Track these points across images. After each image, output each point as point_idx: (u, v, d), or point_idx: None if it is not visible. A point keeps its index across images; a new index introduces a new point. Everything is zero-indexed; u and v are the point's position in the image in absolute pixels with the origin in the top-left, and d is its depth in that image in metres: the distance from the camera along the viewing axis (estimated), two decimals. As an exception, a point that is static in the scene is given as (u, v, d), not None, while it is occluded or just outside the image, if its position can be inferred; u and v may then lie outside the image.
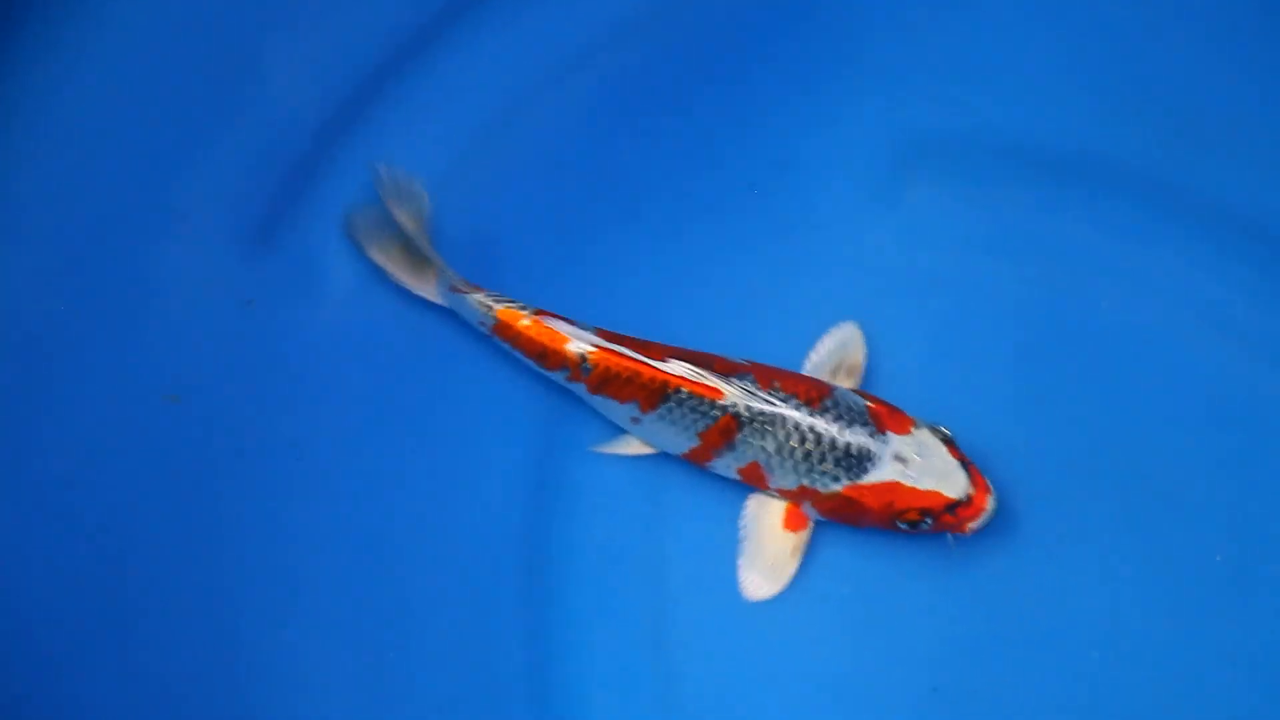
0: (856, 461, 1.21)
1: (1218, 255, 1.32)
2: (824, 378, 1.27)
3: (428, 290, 1.29)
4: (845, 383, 1.28)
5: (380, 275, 1.30)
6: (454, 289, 1.27)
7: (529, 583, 1.28)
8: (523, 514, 1.29)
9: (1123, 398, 1.31)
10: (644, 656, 1.26)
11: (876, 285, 1.34)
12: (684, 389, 1.22)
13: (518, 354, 1.27)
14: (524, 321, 1.25)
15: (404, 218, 1.29)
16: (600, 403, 1.26)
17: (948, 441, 1.23)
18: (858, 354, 1.30)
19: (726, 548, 1.28)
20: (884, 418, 1.23)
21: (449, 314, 1.29)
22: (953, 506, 1.22)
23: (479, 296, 1.26)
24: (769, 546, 1.26)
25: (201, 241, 1.32)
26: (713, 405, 1.22)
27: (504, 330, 1.26)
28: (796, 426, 1.21)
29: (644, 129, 1.37)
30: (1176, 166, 1.35)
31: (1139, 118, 1.36)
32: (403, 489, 1.30)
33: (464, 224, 1.34)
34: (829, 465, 1.21)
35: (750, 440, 1.22)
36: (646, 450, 1.28)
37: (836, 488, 1.22)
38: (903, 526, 1.23)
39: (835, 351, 1.29)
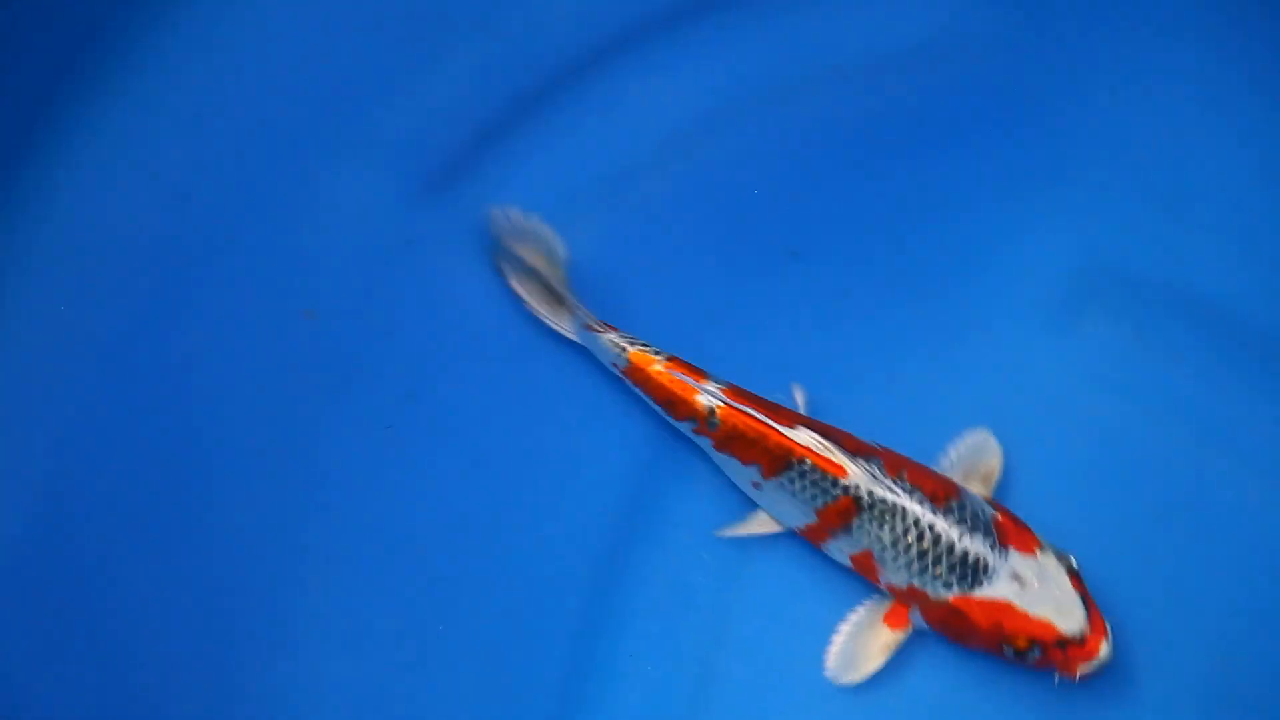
0: (971, 572, 1.16)
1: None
2: (956, 479, 1.22)
3: (563, 326, 1.28)
4: (977, 489, 1.22)
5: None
6: (588, 327, 1.25)
7: (589, 606, 1.25)
8: (601, 534, 1.26)
9: (1259, 580, 1.24)
10: (681, 705, 1.22)
11: (1028, 407, 1.28)
12: (808, 460, 1.17)
13: (647, 399, 1.24)
14: (656, 367, 1.22)
15: (537, 260, 1.27)
16: (724, 461, 1.22)
17: (1072, 572, 1.16)
18: (994, 462, 1.24)
19: (802, 619, 1.23)
20: (1009, 533, 1.17)
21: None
22: (1064, 643, 1.15)
23: (612, 336, 1.24)
24: (863, 634, 1.21)
25: (376, 177, 1.34)
26: (835, 483, 1.17)
27: (635, 373, 1.23)
28: (916, 522, 1.16)
29: (818, 191, 1.34)
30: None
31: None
32: (484, 479, 1.27)
33: (605, 261, 1.32)
34: (942, 569, 1.16)
35: (867, 527, 1.17)
36: (770, 530, 1.23)
37: (947, 595, 1.16)
38: (1008, 654, 1.17)
39: (970, 455, 1.24)
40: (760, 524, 1.24)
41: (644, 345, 1.23)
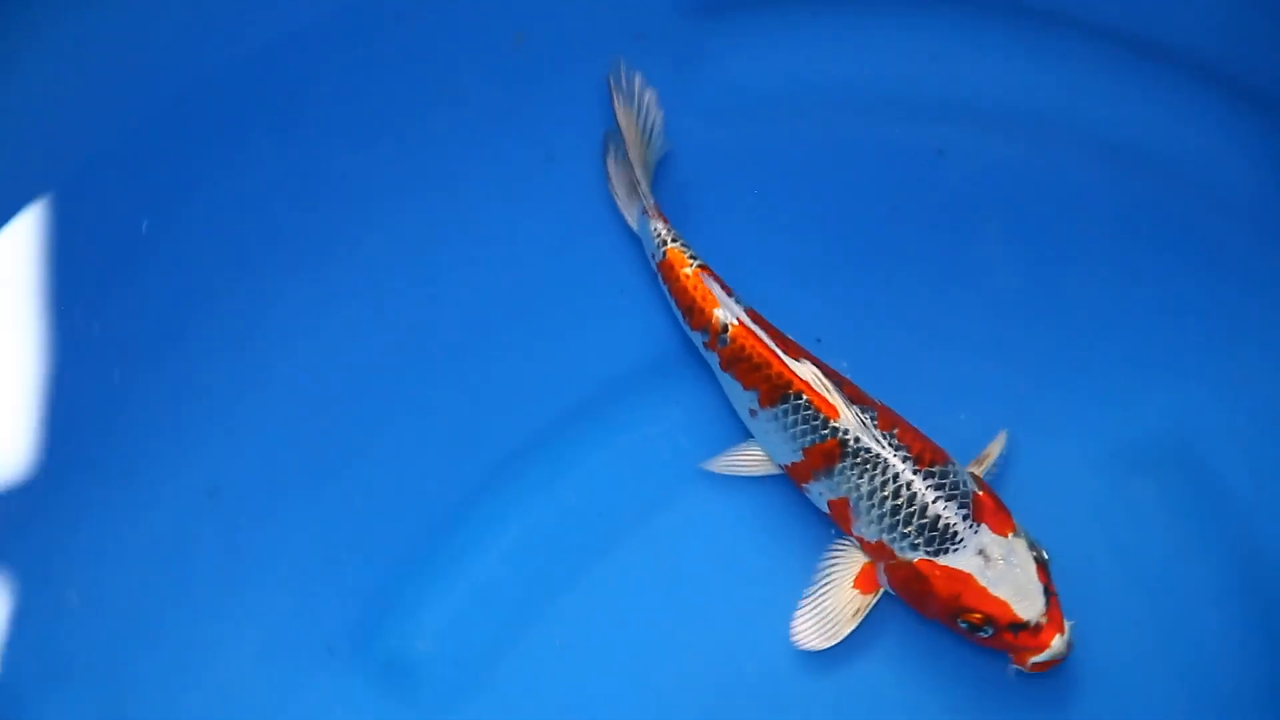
0: (939, 537, 1.16)
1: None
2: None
3: (629, 213, 1.30)
4: (972, 467, 1.22)
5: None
6: (645, 210, 1.27)
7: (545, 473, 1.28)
8: (582, 432, 1.29)
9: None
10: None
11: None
12: (804, 395, 1.19)
13: (672, 301, 1.26)
14: (687, 270, 1.24)
15: (634, 135, 1.29)
16: (727, 382, 1.24)
17: (1041, 563, 1.15)
18: (995, 445, 1.24)
19: (774, 569, 1.25)
20: (986, 510, 1.17)
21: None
22: (1017, 627, 1.14)
23: (660, 226, 1.25)
24: (833, 598, 1.21)
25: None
26: (825, 423, 1.18)
27: (667, 270, 1.25)
28: (896, 477, 1.17)
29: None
30: None
31: None
32: (487, 329, 1.31)
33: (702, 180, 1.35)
34: (911, 529, 1.17)
35: (848, 473, 1.18)
36: (755, 470, 1.25)
37: (912, 556, 1.17)
38: (962, 626, 1.16)
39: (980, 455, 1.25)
40: (747, 461, 1.25)
41: (684, 246, 1.24)
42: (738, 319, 1.22)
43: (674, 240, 1.25)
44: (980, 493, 1.18)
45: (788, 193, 1.35)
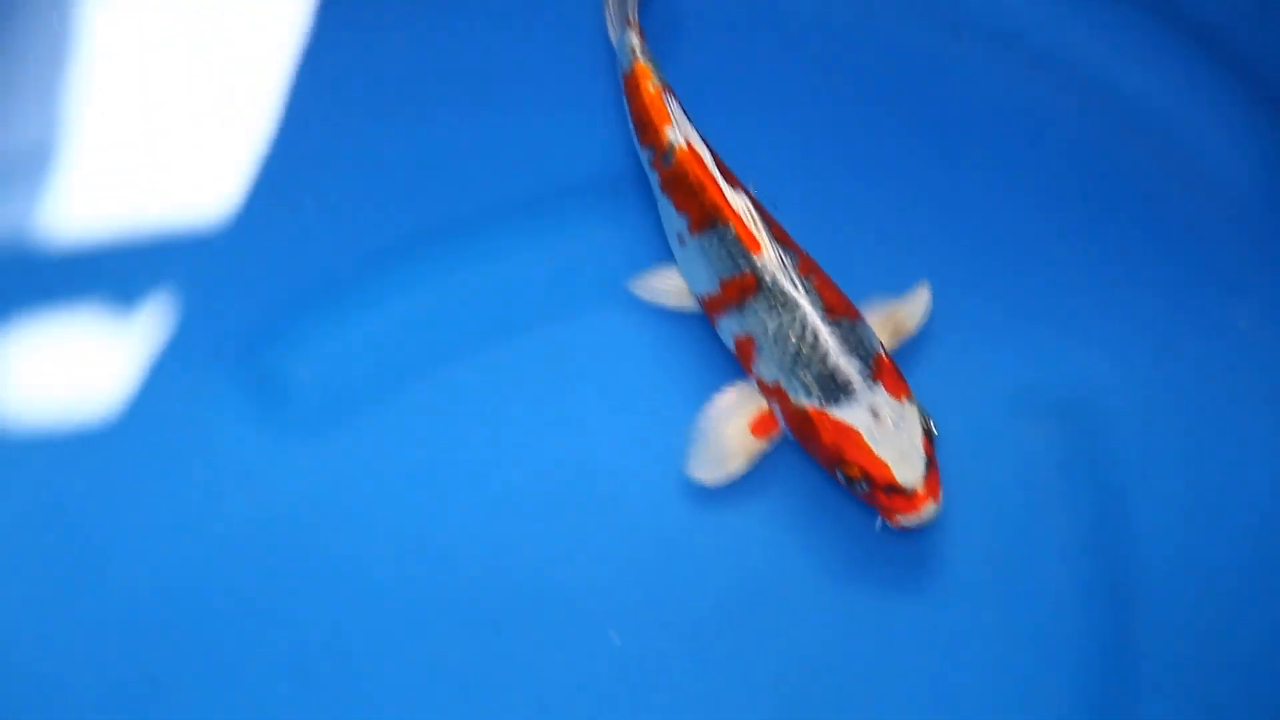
0: (834, 388, 1.17)
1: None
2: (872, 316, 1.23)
3: (613, 27, 1.30)
4: (881, 335, 1.23)
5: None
6: (626, 20, 1.27)
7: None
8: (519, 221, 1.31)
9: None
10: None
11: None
12: (732, 226, 1.20)
13: (628, 115, 1.26)
14: (649, 86, 1.24)
15: None
16: (663, 204, 1.24)
17: (928, 433, 1.17)
18: (911, 319, 1.25)
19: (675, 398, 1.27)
20: (885, 372, 1.18)
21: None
22: (893, 489, 1.17)
23: (634, 38, 1.26)
24: (728, 438, 1.22)
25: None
26: (745, 256, 1.19)
27: (631, 83, 1.25)
28: (803, 322, 1.18)
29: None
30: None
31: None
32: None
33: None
34: (809, 376, 1.18)
35: (757, 310, 1.19)
36: (673, 300, 1.26)
37: (805, 403, 1.19)
38: (841, 478, 1.19)
39: (896, 305, 1.25)
40: (666, 287, 1.26)
41: (653, 63, 1.25)
42: (686, 141, 1.22)
43: (644, 55, 1.25)
44: (883, 356, 1.19)
45: (778, 39, 1.36)
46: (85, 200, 1.32)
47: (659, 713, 1.19)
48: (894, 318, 1.25)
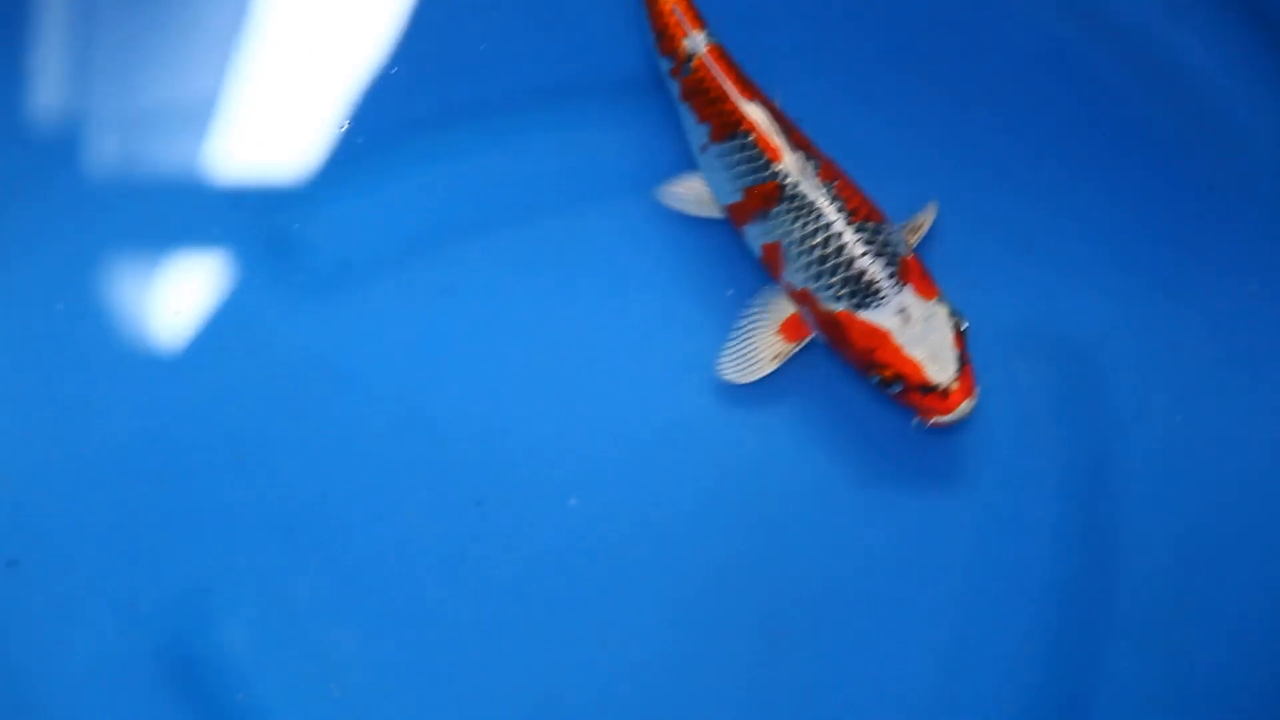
0: (863, 291, 1.16)
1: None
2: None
3: None
4: (903, 234, 1.22)
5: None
6: None
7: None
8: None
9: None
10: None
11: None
12: (751, 135, 1.19)
13: (648, 23, 1.24)
14: None
15: None
16: (683, 113, 1.23)
17: (959, 332, 1.16)
18: (926, 217, 1.24)
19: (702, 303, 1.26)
20: (913, 273, 1.17)
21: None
22: (927, 388, 1.15)
23: None
24: (758, 341, 1.22)
25: None
26: (768, 165, 1.18)
27: None
28: (828, 226, 1.17)
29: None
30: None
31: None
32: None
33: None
34: (837, 281, 1.16)
35: (783, 217, 1.18)
36: (699, 208, 1.25)
37: (835, 307, 1.17)
38: (874, 380, 1.17)
39: (907, 221, 1.25)
40: (692, 194, 1.25)
41: None
42: (705, 50, 1.22)
43: None
44: (910, 257, 1.18)
45: None
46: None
47: (643, 611, 1.21)
48: (911, 219, 1.25)
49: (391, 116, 1.30)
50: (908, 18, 1.34)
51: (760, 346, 1.22)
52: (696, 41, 1.22)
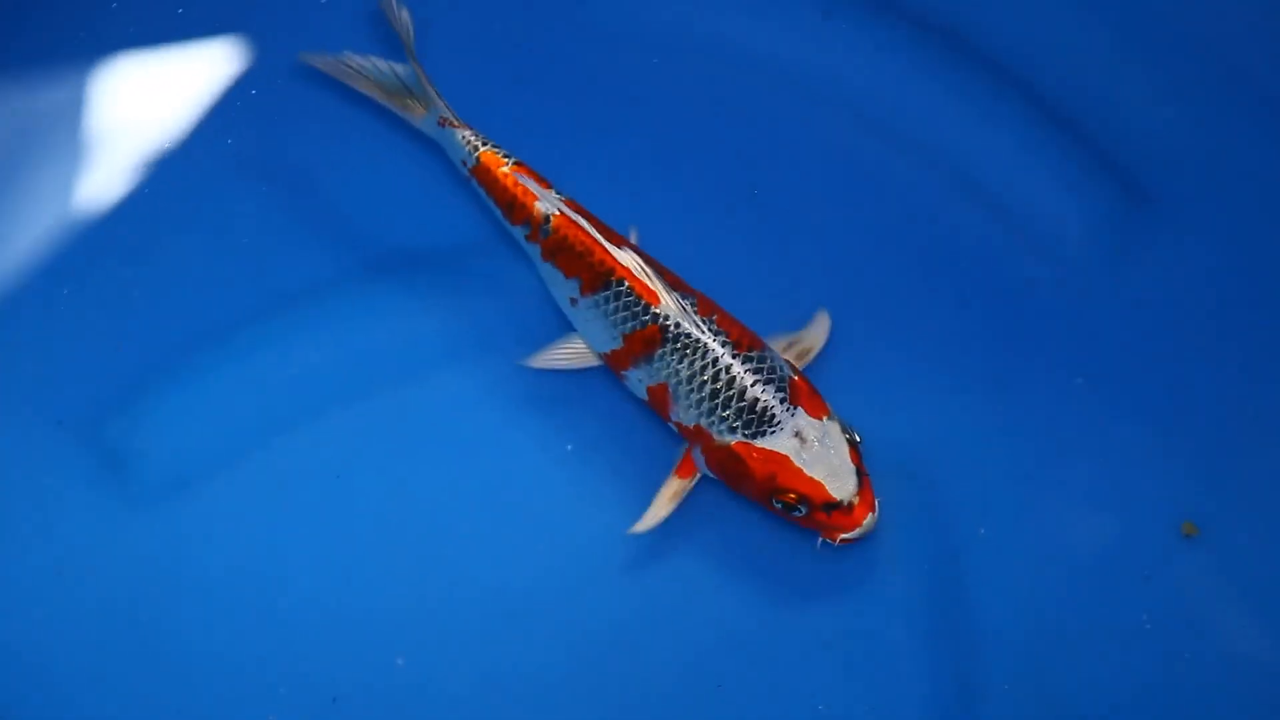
0: (757, 420, 1.18)
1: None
2: (770, 343, 1.25)
3: (415, 119, 1.29)
4: (793, 359, 1.25)
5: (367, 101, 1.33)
6: (443, 122, 1.27)
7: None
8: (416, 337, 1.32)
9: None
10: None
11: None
12: (626, 281, 1.20)
13: (490, 202, 1.26)
14: (504, 168, 1.24)
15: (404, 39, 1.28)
16: (548, 272, 1.24)
17: (853, 445, 1.19)
18: (816, 340, 1.27)
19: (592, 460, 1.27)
20: (802, 394, 1.19)
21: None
22: (831, 506, 1.17)
23: (466, 134, 1.26)
24: (664, 490, 1.23)
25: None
26: (646, 309, 1.20)
27: (483, 173, 1.25)
28: (715, 361, 1.19)
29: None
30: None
31: None
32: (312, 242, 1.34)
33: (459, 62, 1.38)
34: (730, 413, 1.18)
35: (668, 358, 1.19)
36: (575, 362, 1.26)
37: (730, 439, 1.18)
38: (777, 506, 1.18)
39: (796, 336, 1.27)
40: (568, 353, 1.26)
41: (495, 147, 1.26)
42: (559, 209, 1.24)
43: (484, 144, 1.26)
44: (796, 378, 1.21)
45: (600, 91, 1.40)
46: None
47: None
48: (796, 345, 1.27)
49: (208, 313, 1.31)
50: (728, 145, 1.38)
51: (659, 491, 1.22)
52: (550, 201, 1.24)
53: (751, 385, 1.18)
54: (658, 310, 1.20)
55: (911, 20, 1.41)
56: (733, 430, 1.18)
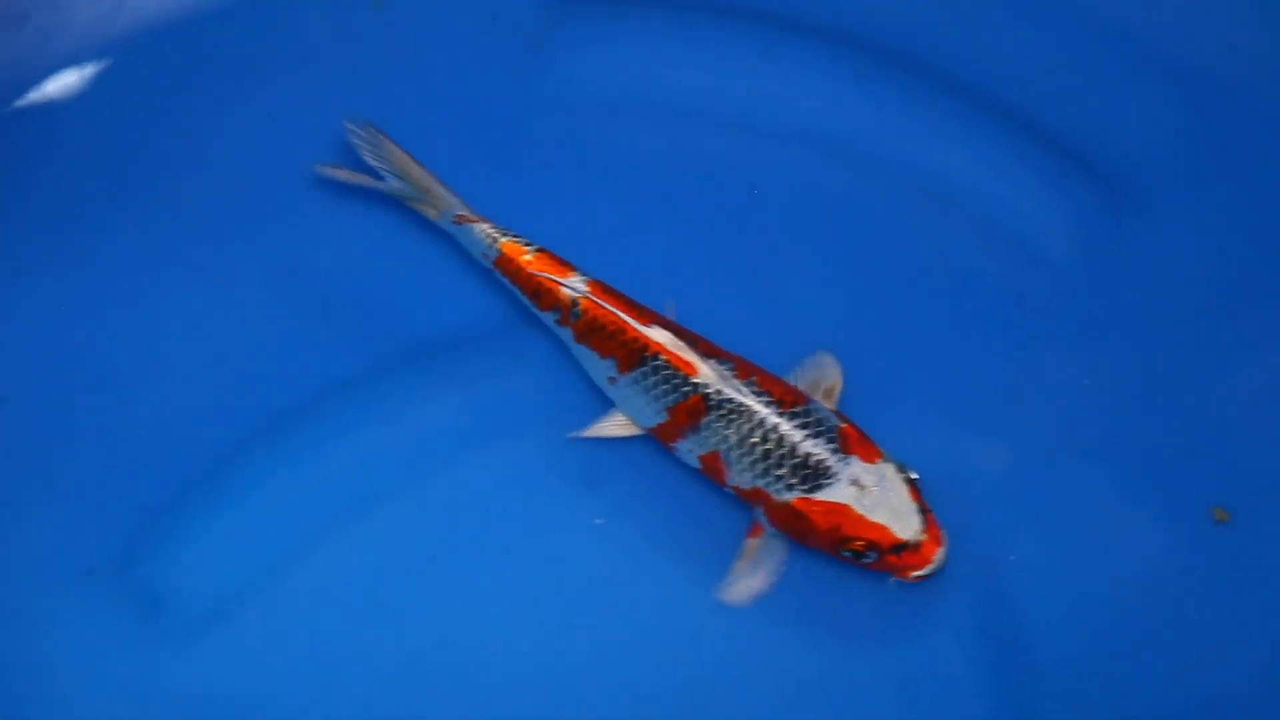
0: (813, 474, 1.19)
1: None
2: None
3: (432, 214, 1.29)
4: (823, 403, 1.26)
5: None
6: (459, 218, 1.28)
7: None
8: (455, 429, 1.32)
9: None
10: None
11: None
12: (661, 356, 1.21)
13: (515, 290, 1.26)
14: (526, 257, 1.25)
15: (399, 161, 1.29)
16: (583, 354, 1.25)
17: (911, 483, 1.20)
18: (834, 378, 1.27)
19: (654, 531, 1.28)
20: (852, 441, 1.21)
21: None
22: (899, 547, 1.18)
23: (484, 227, 1.26)
24: (742, 554, 1.24)
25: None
26: (685, 380, 1.21)
27: (505, 264, 1.26)
28: (762, 423, 1.20)
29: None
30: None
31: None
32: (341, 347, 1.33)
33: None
34: (785, 471, 1.19)
35: (715, 426, 1.20)
36: (624, 432, 1.26)
37: (789, 497, 1.20)
38: (846, 555, 1.19)
39: (813, 373, 1.27)
40: (614, 425, 1.26)
41: (515, 236, 1.26)
42: (586, 291, 1.24)
43: (504, 235, 1.27)
44: (843, 425, 1.22)
45: (620, 178, 1.39)
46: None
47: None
48: (821, 384, 1.27)
49: (220, 437, 1.29)
50: (707, 192, 1.39)
51: (748, 555, 1.23)
52: (575, 285, 1.24)
53: (801, 441, 1.19)
54: (697, 380, 1.20)
55: (876, 49, 1.42)
56: (790, 488, 1.19)
